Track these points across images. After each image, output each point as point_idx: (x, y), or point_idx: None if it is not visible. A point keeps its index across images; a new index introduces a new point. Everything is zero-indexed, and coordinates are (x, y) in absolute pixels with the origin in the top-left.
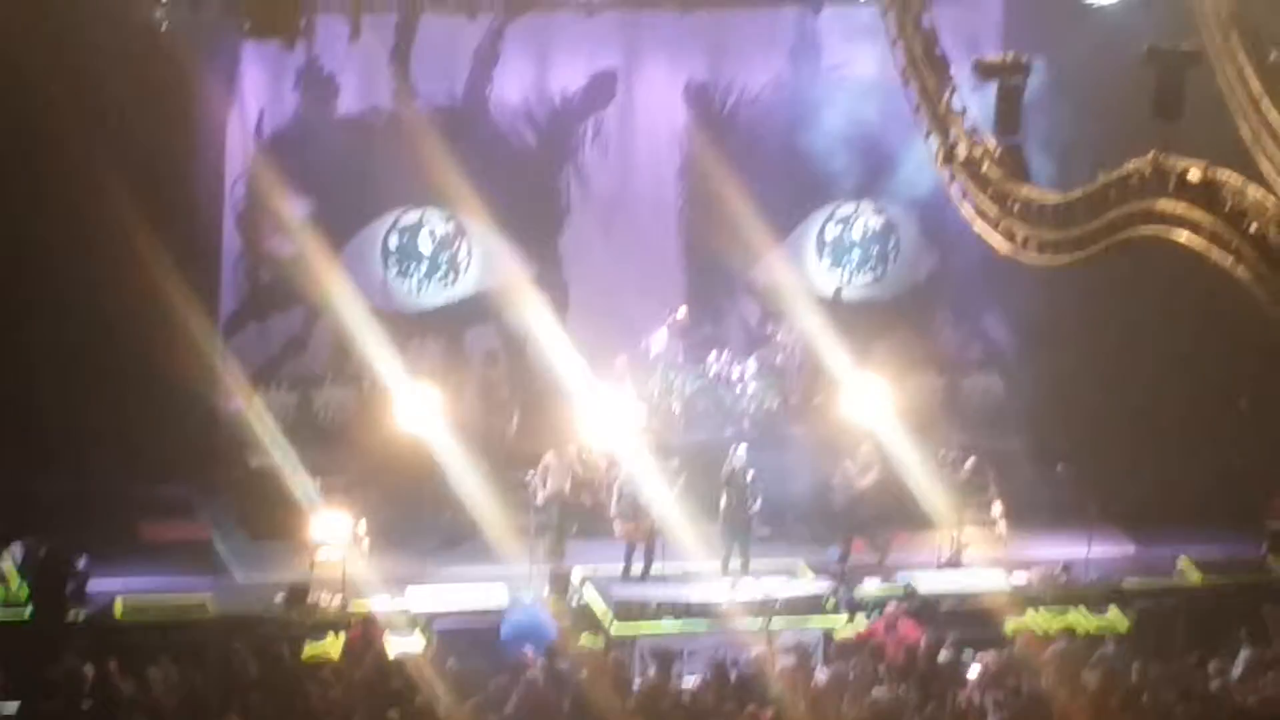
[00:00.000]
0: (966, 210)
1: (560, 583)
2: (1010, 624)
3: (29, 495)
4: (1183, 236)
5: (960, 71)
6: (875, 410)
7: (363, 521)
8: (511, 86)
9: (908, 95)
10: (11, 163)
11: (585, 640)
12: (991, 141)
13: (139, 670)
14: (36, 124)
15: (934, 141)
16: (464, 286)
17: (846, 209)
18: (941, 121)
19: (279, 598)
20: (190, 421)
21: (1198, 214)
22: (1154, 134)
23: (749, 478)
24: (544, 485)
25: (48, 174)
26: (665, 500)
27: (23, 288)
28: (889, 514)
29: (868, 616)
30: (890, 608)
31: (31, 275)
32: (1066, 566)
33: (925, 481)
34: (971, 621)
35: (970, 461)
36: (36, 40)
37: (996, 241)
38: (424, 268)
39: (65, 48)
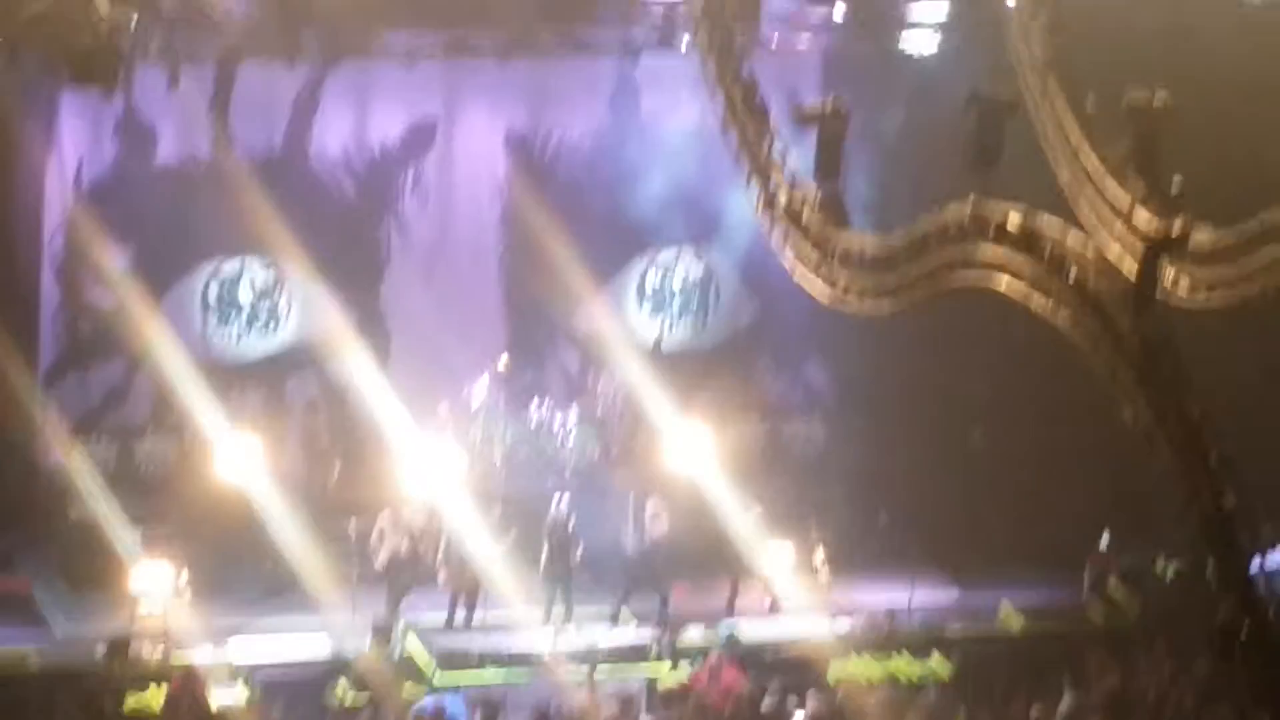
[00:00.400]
0: (787, 257)
1: (383, 634)
2: (834, 670)
3: None
4: (1003, 283)
5: (780, 118)
6: (696, 458)
7: (184, 572)
8: (331, 135)
9: (728, 142)
10: None
11: (409, 690)
12: (811, 188)
13: None
14: None
15: (754, 188)
16: (284, 336)
17: (667, 256)
18: (762, 168)
19: (101, 650)
20: (9, 473)
21: (1018, 261)
22: (973, 181)
23: (570, 527)
24: (382, 545)
25: None
26: (487, 549)
27: None
28: (682, 562)
29: (691, 664)
30: (712, 656)
31: None
32: (890, 613)
33: (734, 529)
34: (795, 668)
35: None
36: None
37: (818, 289)
38: (244, 317)
39: None
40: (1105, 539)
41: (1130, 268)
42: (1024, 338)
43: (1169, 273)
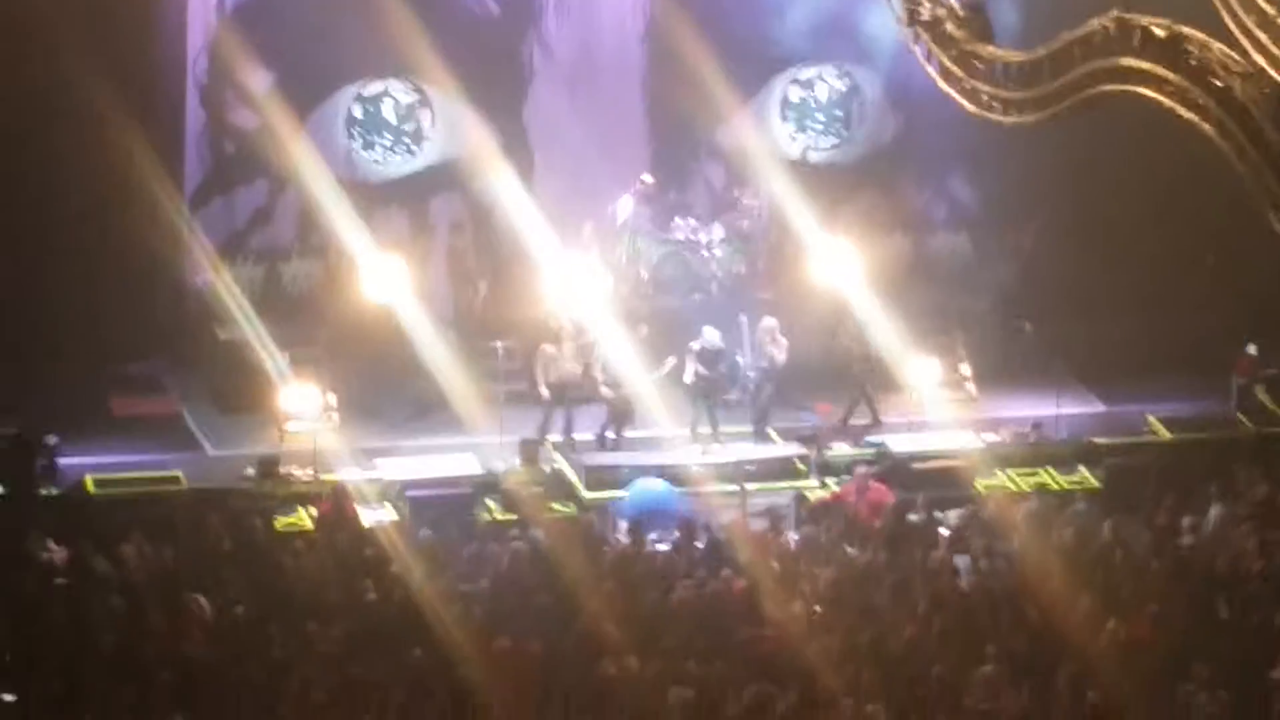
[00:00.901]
0: (931, 71)
1: (531, 452)
2: (981, 483)
3: None
4: (1148, 93)
5: None
6: (841, 273)
7: (332, 393)
8: None
9: None
10: None
11: (557, 508)
12: (955, 1)
13: (112, 547)
14: None
15: (897, 2)
16: (428, 156)
17: (809, 71)
18: None
19: (250, 470)
20: (158, 296)
21: (1163, 70)
22: None
23: (717, 344)
24: (546, 375)
25: (6, 49)
26: (636, 367)
27: None
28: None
29: (839, 480)
30: (859, 470)
31: None
32: (1036, 425)
33: (881, 344)
34: (942, 482)
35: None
36: None
37: (963, 103)
38: (388, 137)
39: None
40: (1251, 348)
41: (1277, 77)
42: (1168, 147)
43: None
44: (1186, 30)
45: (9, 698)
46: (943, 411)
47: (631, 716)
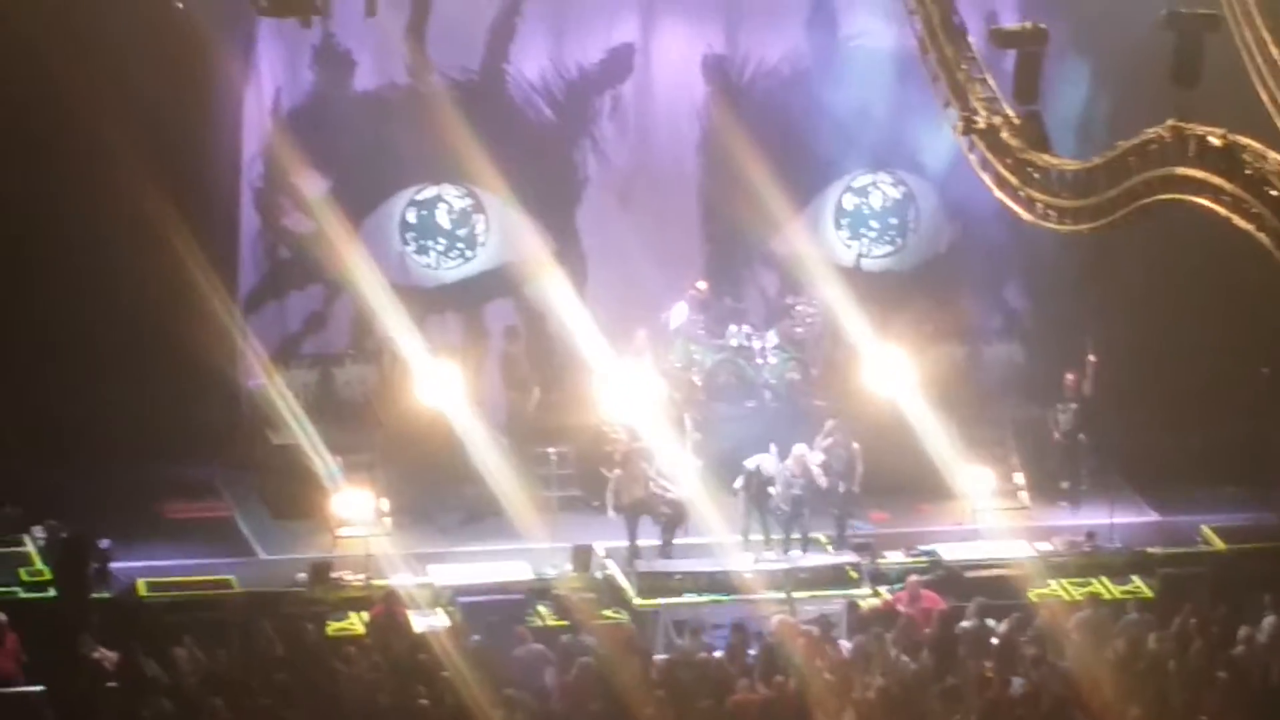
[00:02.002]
0: (986, 180)
1: (583, 558)
2: (1034, 593)
3: (51, 477)
4: (1204, 202)
5: (978, 39)
6: (895, 381)
7: (385, 498)
8: (529, 60)
9: (926, 64)
10: (29, 143)
11: (609, 614)
12: (1010, 110)
13: (163, 650)
14: (54, 104)
15: (952, 111)
16: (483, 261)
17: (864, 179)
18: (960, 90)
19: (302, 575)
20: (211, 400)
21: (1218, 180)
22: (1172, 100)
23: (770, 452)
24: (619, 499)
25: (65, 153)
26: (689, 474)
27: (42, 269)
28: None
29: (891, 588)
30: (911, 579)
31: (50, 256)
32: (1090, 534)
33: (934, 452)
34: (995, 590)
35: None
36: (54, 21)
37: (1018, 211)
38: (442, 242)
39: (82, 28)
40: None
41: None
42: (1224, 256)
43: None
44: (1243, 140)
45: None
46: (996, 520)
47: None
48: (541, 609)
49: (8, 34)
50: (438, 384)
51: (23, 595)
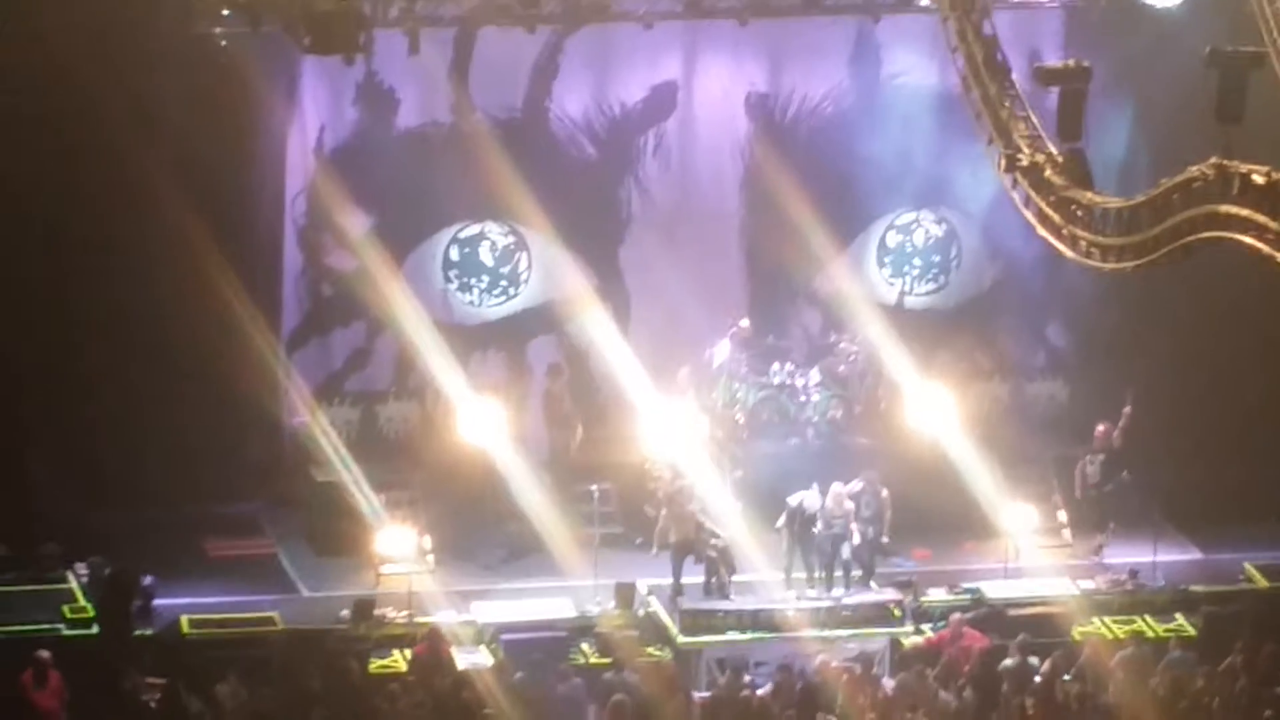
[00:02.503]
0: (1029, 217)
1: (625, 595)
2: (1077, 630)
3: (95, 514)
4: (1247, 240)
5: (1021, 77)
6: (938, 418)
7: (428, 535)
8: (571, 98)
9: (968, 102)
10: (73, 181)
11: (652, 652)
12: (1053, 147)
13: (206, 687)
14: (98, 143)
15: (995, 148)
16: (525, 298)
17: (907, 217)
18: (1003, 128)
19: (345, 612)
20: (254, 437)
21: (1262, 218)
22: (1217, 138)
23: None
24: (663, 537)
25: (108, 192)
26: (732, 513)
27: (85, 308)
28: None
29: (934, 626)
30: (954, 617)
31: (93, 294)
32: (1133, 572)
33: (977, 490)
34: (1038, 628)
35: None
36: (98, 59)
37: (1060, 249)
38: (485, 280)
39: (126, 66)
40: None
41: None
42: (1268, 294)
43: None
44: None
45: None
46: (1039, 558)
47: None
48: (584, 646)
49: (55, 72)
50: (480, 421)
51: (66, 633)
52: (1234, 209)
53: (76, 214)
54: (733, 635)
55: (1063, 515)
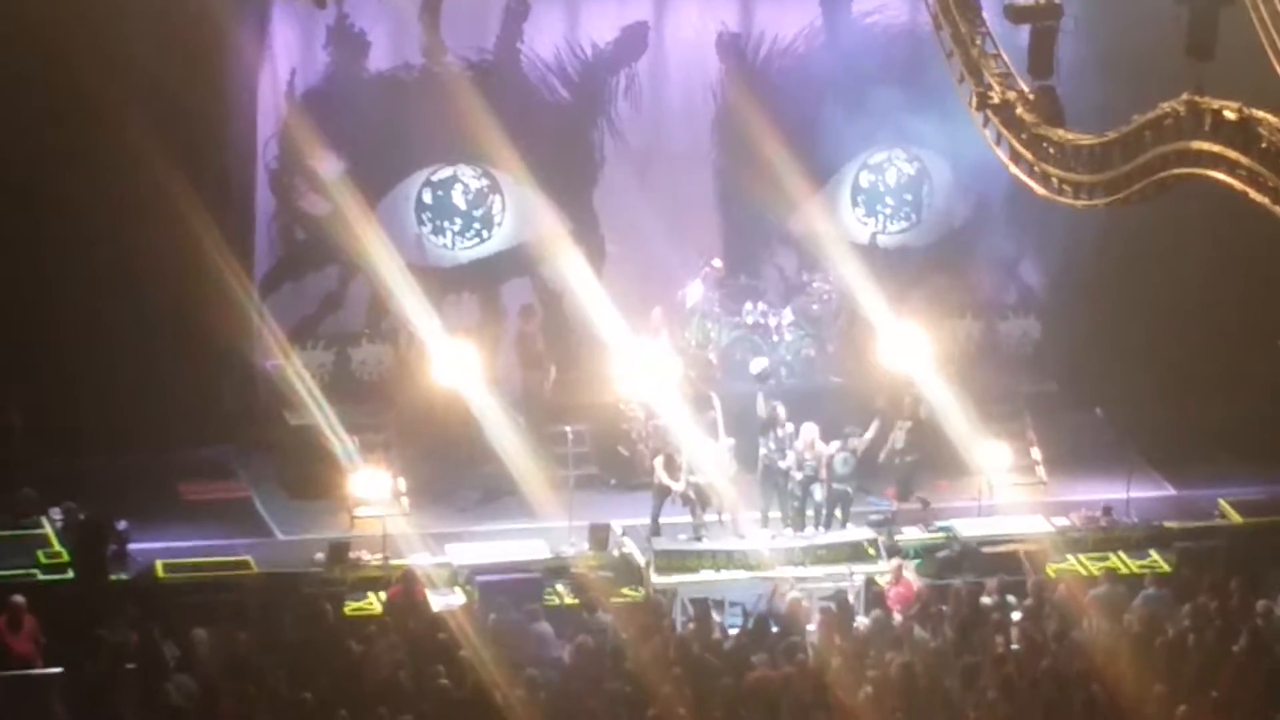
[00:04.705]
0: (1001, 155)
1: (600, 536)
2: (1051, 568)
3: (69, 459)
4: (1219, 176)
5: (992, 15)
6: (912, 356)
7: (401, 478)
8: (543, 40)
9: (939, 40)
10: (42, 127)
11: (626, 592)
12: (1025, 85)
13: (182, 631)
14: (67, 88)
15: (967, 87)
16: (499, 241)
17: (879, 156)
18: (974, 66)
19: (320, 556)
20: (228, 381)
21: (1234, 154)
22: (1189, 75)
23: (784, 430)
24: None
25: (78, 137)
26: (707, 453)
27: (56, 253)
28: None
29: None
30: (895, 560)
31: (65, 239)
32: (1107, 510)
33: (950, 428)
34: (1011, 566)
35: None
36: (66, 5)
37: (1032, 186)
38: (458, 223)
39: (96, 12)
40: None
41: None
42: (1240, 231)
43: None
44: (1259, 113)
45: None
46: (1013, 496)
47: None
48: (559, 587)
49: (21, 18)
50: (454, 364)
51: (41, 577)
52: (1206, 145)
53: (49, 163)
54: (707, 575)
55: (1036, 453)
